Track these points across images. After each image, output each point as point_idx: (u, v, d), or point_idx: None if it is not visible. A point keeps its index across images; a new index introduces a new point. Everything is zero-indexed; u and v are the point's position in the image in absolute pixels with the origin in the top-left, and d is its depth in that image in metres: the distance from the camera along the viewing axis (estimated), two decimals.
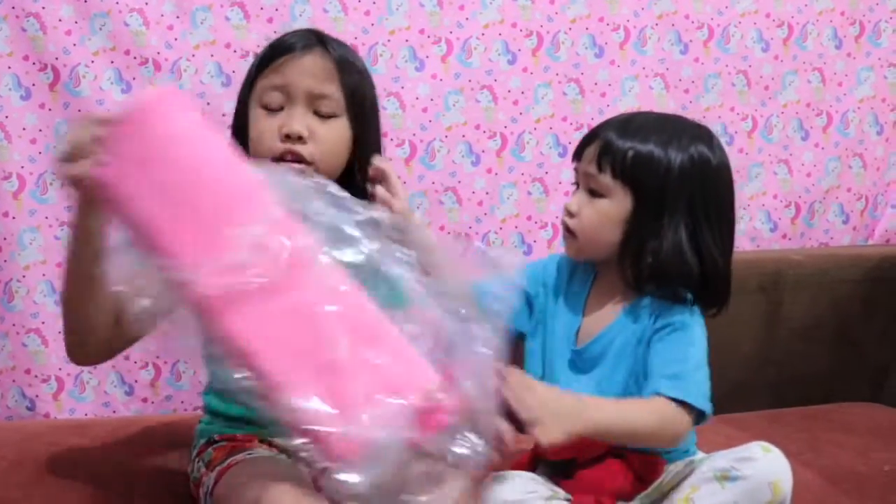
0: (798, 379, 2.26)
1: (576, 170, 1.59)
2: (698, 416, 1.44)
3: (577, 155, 1.58)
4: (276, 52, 1.59)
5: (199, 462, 1.61)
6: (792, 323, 2.24)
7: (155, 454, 1.80)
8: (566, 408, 1.34)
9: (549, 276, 1.64)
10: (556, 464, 1.51)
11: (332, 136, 1.58)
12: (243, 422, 1.62)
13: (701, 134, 1.55)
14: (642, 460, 1.48)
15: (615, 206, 1.50)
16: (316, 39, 1.61)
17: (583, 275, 1.62)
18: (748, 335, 2.22)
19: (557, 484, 1.51)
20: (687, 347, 1.47)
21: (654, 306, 1.51)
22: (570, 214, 1.54)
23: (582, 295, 1.60)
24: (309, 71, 1.58)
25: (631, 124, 1.53)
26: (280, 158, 1.55)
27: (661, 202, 1.48)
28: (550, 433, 1.30)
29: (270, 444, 1.61)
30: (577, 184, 1.59)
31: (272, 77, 1.57)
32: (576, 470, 1.48)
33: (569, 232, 1.55)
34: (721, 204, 1.54)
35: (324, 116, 1.58)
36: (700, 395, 1.43)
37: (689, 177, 1.49)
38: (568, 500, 1.48)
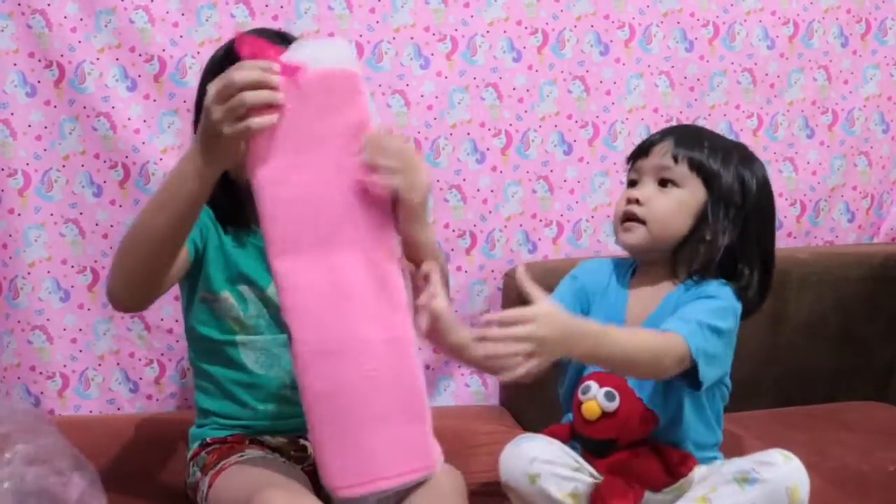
0: (802, 377, 2.26)
1: (635, 169, 1.62)
2: (693, 374, 1.43)
3: (643, 152, 1.61)
4: None
5: (193, 466, 1.63)
6: (797, 321, 2.23)
7: (159, 451, 1.82)
8: (569, 330, 1.34)
9: (594, 280, 1.69)
10: (593, 442, 1.53)
11: None
12: (233, 419, 1.64)
13: (755, 157, 1.65)
14: (677, 455, 1.51)
15: (690, 195, 1.56)
16: (280, 38, 1.63)
17: (621, 276, 1.67)
18: (753, 333, 2.13)
19: (589, 462, 1.53)
20: (710, 309, 1.49)
21: (693, 285, 1.56)
22: (637, 203, 1.57)
23: (624, 293, 1.64)
24: None
25: (696, 132, 1.64)
26: None
27: (730, 203, 1.55)
28: (551, 355, 1.31)
29: (262, 444, 1.63)
30: (632, 182, 1.62)
31: None
32: (612, 451, 1.51)
33: (636, 220, 1.57)
34: (771, 230, 1.62)
35: None
36: (702, 348, 1.44)
37: (760, 196, 1.57)
38: (594, 477, 1.50)
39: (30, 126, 1.96)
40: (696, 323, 1.45)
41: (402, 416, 1.30)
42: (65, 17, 1.93)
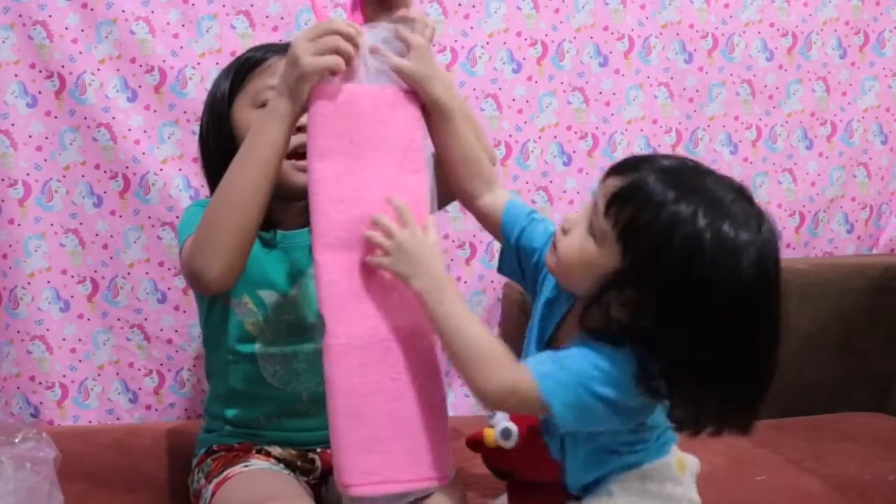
0: (802, 388, 2.25)
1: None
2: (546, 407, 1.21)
3: (608, 173, 1.28)
4: (258, 58, 1.62)
5: (198, 473, 1.62)
6: (796, 332, 2.22)
7: (158, 462, 1.81)
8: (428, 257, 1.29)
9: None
10: (498, 473, 1.47)
11: None
12: (245, 427, 1.63)
13: (759, 225, 1.20)
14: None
15: (601, 257, 1.21)
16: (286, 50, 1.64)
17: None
18: None
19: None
20: (595, 364, 1.21)
21: None
22: (563, 230, 1.28)
23: (562, 309, 1.38)
24: None
25: (678, 174, 1.22)
26: (295, 151, 1.52)
27: (655, 287, 1.18)
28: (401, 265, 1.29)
29: (268, 455, 1.62)
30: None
31: (266, 78, 1.59)
32: (514, 485, 1.45)
33: (554, 246, 1.30)
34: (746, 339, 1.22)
35: None
36: (562, 399, 1.20)
37: (731, 295, 1.18)
38: None
39: (30, 137, 1.96)
40: (545, 363, 1.24)
41: (421, 424, 1.31)
42: (66, 29, 1.94)
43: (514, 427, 1.39)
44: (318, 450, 1.64)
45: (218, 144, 1.62)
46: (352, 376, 1.30)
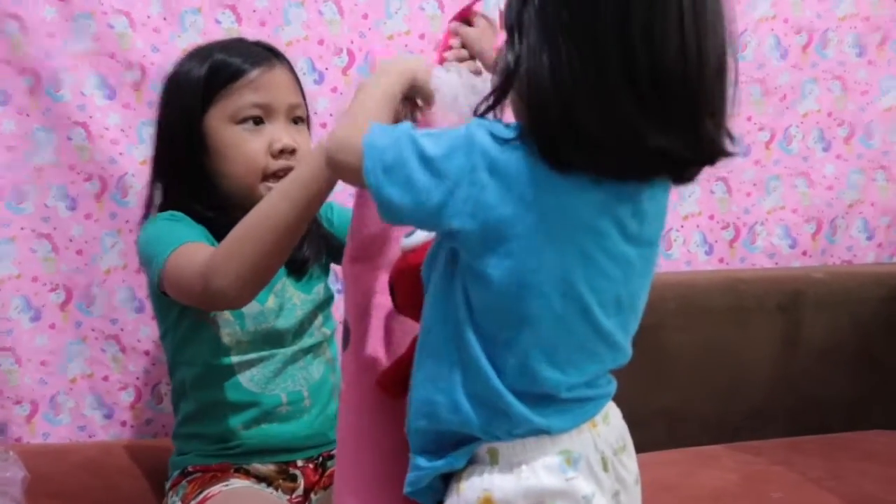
0: (818, 404, 2.20)
1: None
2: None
3: None
4: (237, 67, 1.59)
5: (173, 496, 1.58)
6: (812, 345, 2.19)
7: (134, 482, 1.78)
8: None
9: None
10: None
11: (308, 142, 1.64)
12: (222, 442, 1.59)
13: None
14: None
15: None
16: (269, 51, 1.64)
17: None
18: (766, 357, 2.17)
19: None
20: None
21: None
22: None
23: None
24: (284, 83, 1.62)
25: None
26: (273, 175, 1.56)
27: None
28: None
29: (247, 474, 1.58)
30: None
31: (248, 94, 1.57)
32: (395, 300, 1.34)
33: None
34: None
35: (298, 122, 1.63)
36: (380, 150, 1.09)
37: None
38: None
39: (1, 136, 1.88)
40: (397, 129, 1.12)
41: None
42: (41, 22, 1.86)
43: (420, 232, 1.27)
44: (300, 463, 1.60)
45: (184, 145, 1.58)
46: (362, 395, 1.26)
